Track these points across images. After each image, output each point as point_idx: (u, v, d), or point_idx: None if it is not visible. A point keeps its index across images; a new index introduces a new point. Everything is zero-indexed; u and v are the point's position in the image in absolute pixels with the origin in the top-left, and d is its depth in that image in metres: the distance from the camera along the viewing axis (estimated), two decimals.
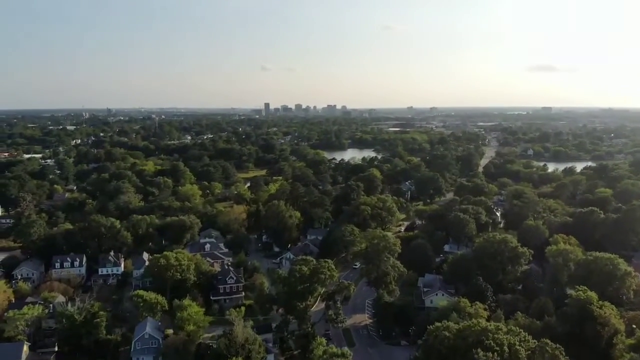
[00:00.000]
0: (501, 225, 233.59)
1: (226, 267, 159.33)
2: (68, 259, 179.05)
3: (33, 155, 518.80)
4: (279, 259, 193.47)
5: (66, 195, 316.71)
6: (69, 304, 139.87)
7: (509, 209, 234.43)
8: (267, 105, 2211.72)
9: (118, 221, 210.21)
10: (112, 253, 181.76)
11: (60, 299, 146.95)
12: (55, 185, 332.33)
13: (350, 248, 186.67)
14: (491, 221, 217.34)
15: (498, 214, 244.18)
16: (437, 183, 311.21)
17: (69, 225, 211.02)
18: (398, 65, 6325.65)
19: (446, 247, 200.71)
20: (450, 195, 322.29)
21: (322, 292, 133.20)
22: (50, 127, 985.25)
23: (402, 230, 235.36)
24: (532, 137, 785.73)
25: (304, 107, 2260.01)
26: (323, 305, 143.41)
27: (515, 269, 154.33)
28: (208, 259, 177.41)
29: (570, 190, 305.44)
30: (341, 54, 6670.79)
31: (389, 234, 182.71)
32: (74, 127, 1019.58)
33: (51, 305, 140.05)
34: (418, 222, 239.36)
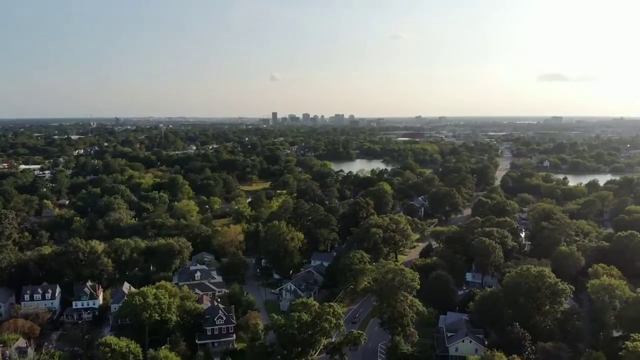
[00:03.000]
0: (526, 248, 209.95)
1: (215, 304, 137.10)
2: (39, 290, 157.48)
3: (28, 167, 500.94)
4: (278, 289, 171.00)
5: (55, 210, 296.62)
6: (29, 350, 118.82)
7: (535, 231, 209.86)
8: (274, 114, 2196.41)
9: (102, 244, 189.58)
10: (89, 283, 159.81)
11: (20, 342, 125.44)
12: (45, 200, 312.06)
13: (360, 278, 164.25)
14: (517, 245, 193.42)
15: (522, 235, 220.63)
16: (453, 199, 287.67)
17: (48, 249, 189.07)
18: (406, 74, 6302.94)
19: (468, 276, 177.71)
20: (467, 212, 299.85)
21: (326, 343, 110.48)
22: (55, 137, 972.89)
23: (418, 253, 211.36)
24: (547, 147, 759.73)
25: (311, 116, 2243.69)
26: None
27: (554, 309, 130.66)
28: (197, 290, 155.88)
29: (598, 208, 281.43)
30: (350, 64, 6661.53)
31: (404, 264, 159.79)
32: (79, 136, 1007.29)
33: (7, 352, 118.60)
34: (435, 244, 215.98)
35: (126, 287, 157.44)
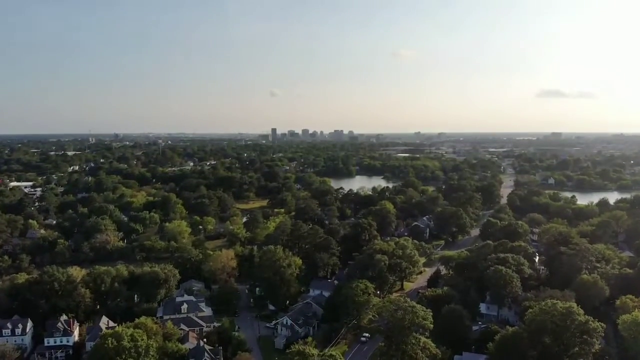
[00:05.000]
0: (540, 272, 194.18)
1: (201, 345, 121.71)
2: (8, 324, 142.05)
3: (18, 184, 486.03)
4: (273, 323, 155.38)
5: (41, 231, 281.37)
6: None
7: (552, 256, 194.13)
8: (274, 130, 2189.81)
9: (83, 271, 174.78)
10: (63, 317, 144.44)
11: None
12: (31, 220, 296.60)
13: (364, 311, 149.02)
14: (534, 273, 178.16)
15: (536, 259, 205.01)
16: (460, 219, 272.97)
17: (23, 277, 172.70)
18: (405, 90, 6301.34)
19: (482, 307, 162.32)
20: (475, 232, 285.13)
21: None
22: (51, 153, 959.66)
23: (425, 280, 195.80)
24: (550, 164, 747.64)
25: (310, 132, 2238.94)
26: None
27: (585, 351, 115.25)
28: (183, 325, 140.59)
29: (613, 229, 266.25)
30: (349, 80, 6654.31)
31: (410, 293, 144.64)
32: (75, 152, 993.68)
33: None
34: (443, 271, 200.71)
35: (104, 321, 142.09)
